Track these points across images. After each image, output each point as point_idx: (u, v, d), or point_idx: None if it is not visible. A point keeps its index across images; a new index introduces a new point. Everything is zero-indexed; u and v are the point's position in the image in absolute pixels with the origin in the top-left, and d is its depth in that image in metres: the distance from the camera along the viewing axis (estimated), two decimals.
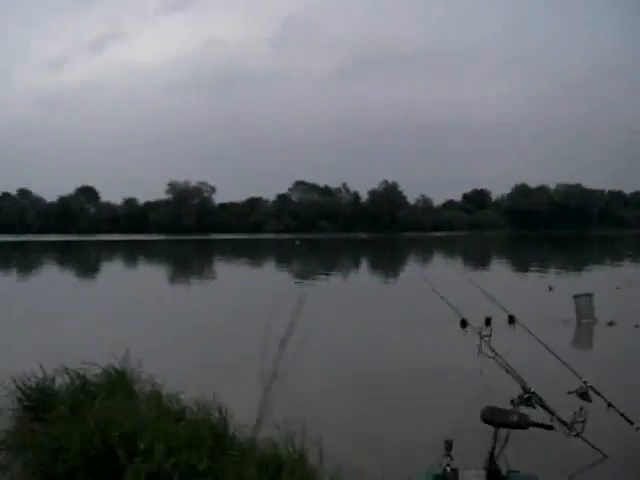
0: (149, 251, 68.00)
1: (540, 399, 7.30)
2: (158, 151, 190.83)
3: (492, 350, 7.91)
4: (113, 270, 43.00)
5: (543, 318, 17.54)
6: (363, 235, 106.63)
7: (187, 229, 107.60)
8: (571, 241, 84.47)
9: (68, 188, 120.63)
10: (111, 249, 70.22)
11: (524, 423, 5.55)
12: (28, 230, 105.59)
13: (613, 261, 45.67)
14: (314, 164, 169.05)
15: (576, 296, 18.57)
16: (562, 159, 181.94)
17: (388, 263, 42.74)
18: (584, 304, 18.14)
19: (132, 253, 63.27)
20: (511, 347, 8.18)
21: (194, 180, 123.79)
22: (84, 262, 49.86)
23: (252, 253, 61.81)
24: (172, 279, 36.03)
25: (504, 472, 5.62)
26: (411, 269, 37.02)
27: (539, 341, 8.11)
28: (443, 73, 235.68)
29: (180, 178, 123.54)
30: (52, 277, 35.54)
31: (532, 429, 6.23)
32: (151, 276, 37.18)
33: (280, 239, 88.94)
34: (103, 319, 18.22)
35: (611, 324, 17.50)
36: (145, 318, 18.77)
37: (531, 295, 25.92)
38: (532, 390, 7.30)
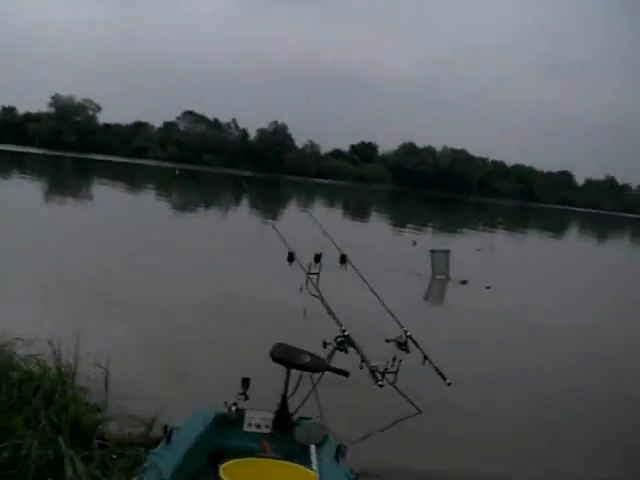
0: (25, 164, 65.23)
1: (353, 343, 7.19)
2: (46, 62, 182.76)
3: (317, 289, 7.73)
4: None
5: (398, 270, 17.81)
6: (247, 173, 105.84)
7: (68, 146, 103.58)
8: (450, 204, 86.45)
9: None
10: None
11: (318, 366, 5.37)
12: None
13: (484, 227, 46.89)
14: (205, 95, 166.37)
15: (433, 251, 18.89)
16: (451, 124, 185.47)
17: (260, 202, 42.27)
18: (440, 260, 18.45)
19: (6, 163, 60.52)
20: (339, 289, 8.08)
21: (80, 96, 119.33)
22: None
23: (132, 178, 60.32)
24: (46, 196, 34.25)
25: (295, 418, 5.46)
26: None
27: (366, 283, 7.98)
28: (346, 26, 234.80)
29: (65, 92, 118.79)
30: None
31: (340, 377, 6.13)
32: (21, 190, 35.29)
33: (163, 167, 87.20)
34: None
35: (463, 282, 17.85)
36: None
37: (394, 248, 26.30)
38: (346, 333, 7.18)
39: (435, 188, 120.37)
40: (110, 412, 6.30)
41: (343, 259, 8.16)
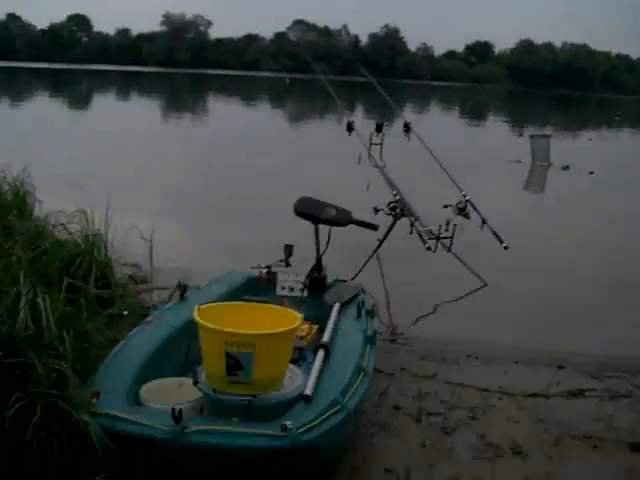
0: (142, 83, 66.23)
1: (405, 207, 6.88)
2: None
3: (376, 159, 7.44)
4: (104, 102, 41.17)
5: (494, 159, 17.20)
6: (361, 79, 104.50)
7: (182, 63, 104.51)
8: (570, 102, 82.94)
9: (59, 15, 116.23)
10: (104, 79, 68.24)
11: (345, 219, 5.09)
12: (18, 58, 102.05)
13: (601, 122, 44.77)
14: (315, 2, 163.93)
15: (532, 136, 18.12)
16: (571, 17, 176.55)
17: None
18: (540, 146, 17.66)
19: (125, 84, 61.56)
20: (402, 158, 7.76)
21: (190, 13, 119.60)
22: (76, 92, 48.30)
23: (245, 91, 60.42)
24: (164, 114, 34.26)
25: (331, 280, 5.27)
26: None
27: (429, 151, 7.60)
28: None
29: (176, 10, 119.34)
30: (40, 106, 33.66)
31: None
32: (141, 110, 35.54)
33: (276, 78, 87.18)
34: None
35: (565, 168, 17.10)
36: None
37: (499, 140, 25.46)
38: (397, 197, 6.89)
39: (555, 86, 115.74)
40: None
41: (407, 128, 7.79)
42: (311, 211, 5.07)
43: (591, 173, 16.38)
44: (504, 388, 4.98)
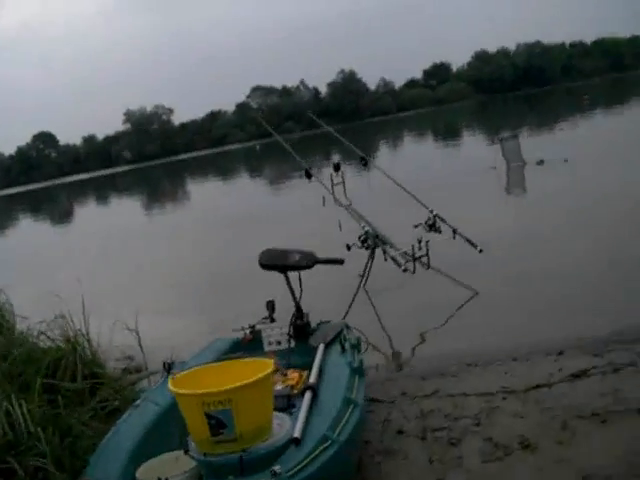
0: (116, 184, 66.60)
1: (376, 237, 6.94)
2: (108, 82, 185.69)
3: (339, 199, 7.54)
4: (84, 211, 41.17)
5: (470, 170, 17.32)
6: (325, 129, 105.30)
7: (152, 155, 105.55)
8: (537, 99, 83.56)
9: (25, 137, 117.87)
10: (79, 189, 68.69)
11: (310, 261, 5.12)
12: None
13: (571, 110, 45.07)
14: (267, 67, 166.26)
15: (502, 139, 18.20)
16: (521, 18, 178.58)
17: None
18: (511, 146, 17.75)
19: (100, 189, 61.83)
20: (367, 190, 7.83)
21: (150, 105, 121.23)
22: (55, 207, 48.58)
23: (219, 167, 60.81)
24: (146, 207, 34.34)
25: (314, 324, 5.27)
26: None
27: (389, 177, 7.68)
28: None
29: (135, 105, 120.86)
30: (22, 229, 33.85)
31: None
32: (126, 207, 35.73)
33: (247, 147, 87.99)
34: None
35: (540, 163, 17.22)
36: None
37: (473, 151, 25.60)
38: (366, 229, 6.96)
39: (519, 88, 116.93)
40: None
41: (364, 161, 7.90)
42: (275, 261, 5.10)
43: (565, 161, 16.48)
44: (506, 387, 4.96)
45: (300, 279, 5.10)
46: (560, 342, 5.67)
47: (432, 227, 7.12)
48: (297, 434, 3.38)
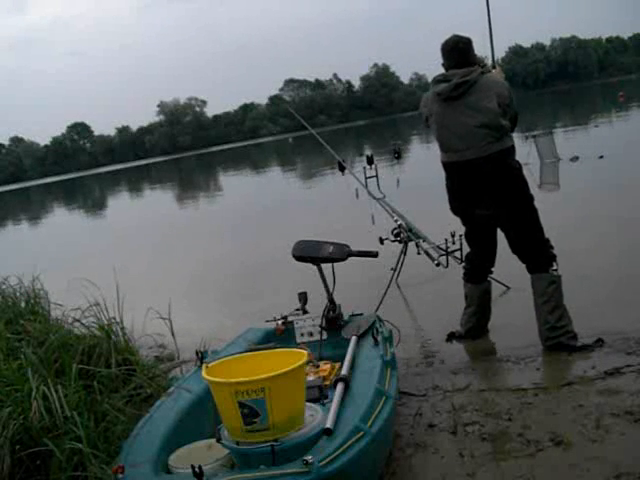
0: (150, 176, 67.04)
1: (411, 231, 6.94)
2: (142, 74, 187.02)
3: (373, 192, 7.55)
4: (118, 201, 41.23)
5: None
6: (361, 122, 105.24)
7: (185, 147, 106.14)
8: (572, 94, 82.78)
9: (60, 128, 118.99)
10: (113, 180, 69.21)
11: (342, 254, 5.13)
12: (28, 178, 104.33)
13: (607, 106, 44.57)
14: (301, 61, 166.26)
15: (535, 137, 18.07)
16: (555, 12, 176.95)
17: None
18: (545, 144, 17.61)
19: (134, 180, 62.12)
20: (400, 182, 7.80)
21: (183, 97, 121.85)
22: (89, 197, 49.02)
23: (252, 159, 60.98)
24: (179, 198, 34.40)
25: (346, 316, 5.30)
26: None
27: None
28: None
29: (169, 97, 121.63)
30: (57, 219, 34.11)
31: None
32: (157, 199, 36.07)
33: (279, 140, 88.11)
34: None
35: (574, 159, 17.08)
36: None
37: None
38: (399, 222, 6.96)
39: (554, 83, 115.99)
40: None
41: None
42: (309, 253, 5.11)
43: (601, 157, 16.36)
44: (538, 384, 4.94)
45: (333, 271, 5.10)
46: (594, 339, 5.61)
47: None
48: (329, 425, 3.39)
